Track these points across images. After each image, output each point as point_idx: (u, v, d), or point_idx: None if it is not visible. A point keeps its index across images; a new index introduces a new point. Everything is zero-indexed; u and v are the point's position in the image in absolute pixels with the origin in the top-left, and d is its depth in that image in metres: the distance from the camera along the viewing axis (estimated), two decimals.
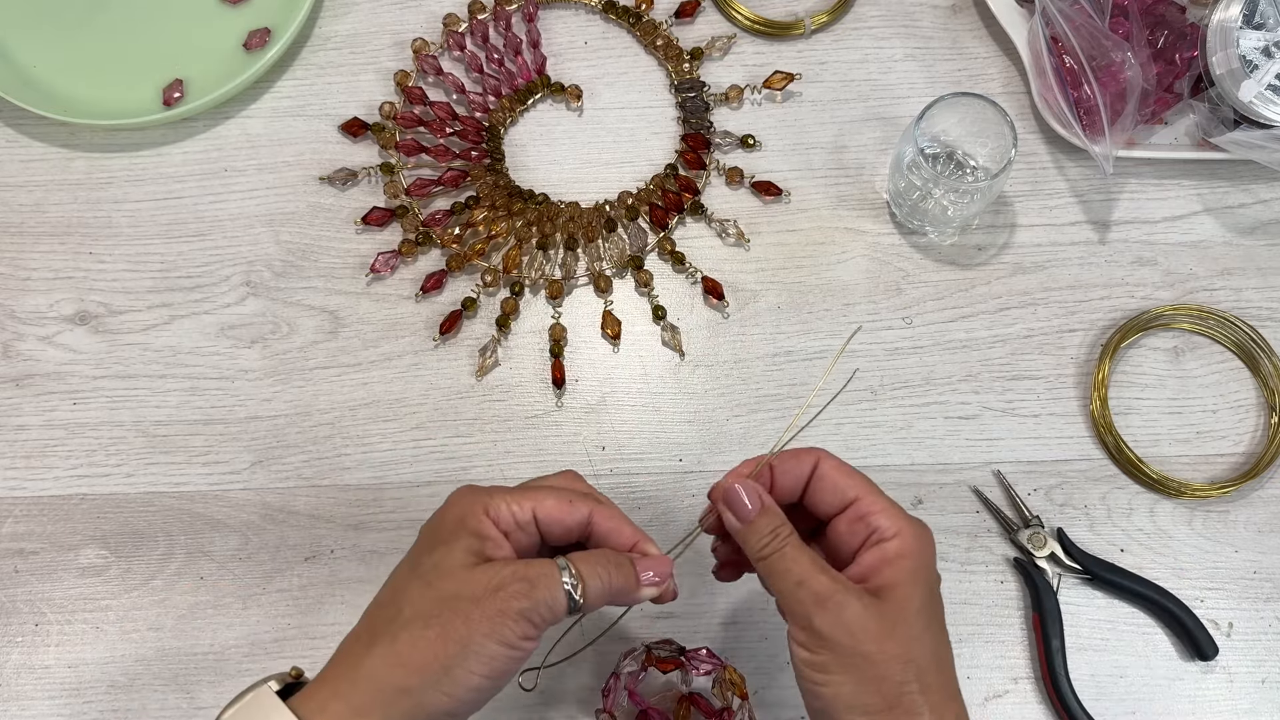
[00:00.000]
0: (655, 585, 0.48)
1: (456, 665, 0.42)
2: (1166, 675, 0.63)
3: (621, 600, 0.48)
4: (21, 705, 0.64)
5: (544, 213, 0.72)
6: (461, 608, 0.43)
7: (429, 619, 0.43)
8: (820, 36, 0.76)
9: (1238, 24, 0.67)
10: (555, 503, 0.48)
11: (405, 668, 0.42)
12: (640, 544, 0.49)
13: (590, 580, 0.46)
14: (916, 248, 0.71)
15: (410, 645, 0.43)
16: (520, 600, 0.44)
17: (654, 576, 0.48)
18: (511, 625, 0.43)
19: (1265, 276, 0.70)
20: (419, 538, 0.48)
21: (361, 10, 0.77)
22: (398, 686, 0.42)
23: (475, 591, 0.44)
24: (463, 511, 0.47)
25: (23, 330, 0.70)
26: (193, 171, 0.73)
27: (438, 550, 0.46)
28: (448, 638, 0.43)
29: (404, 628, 0.43)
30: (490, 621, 0.43)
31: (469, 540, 0.46)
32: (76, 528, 0.66)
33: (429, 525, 0.48)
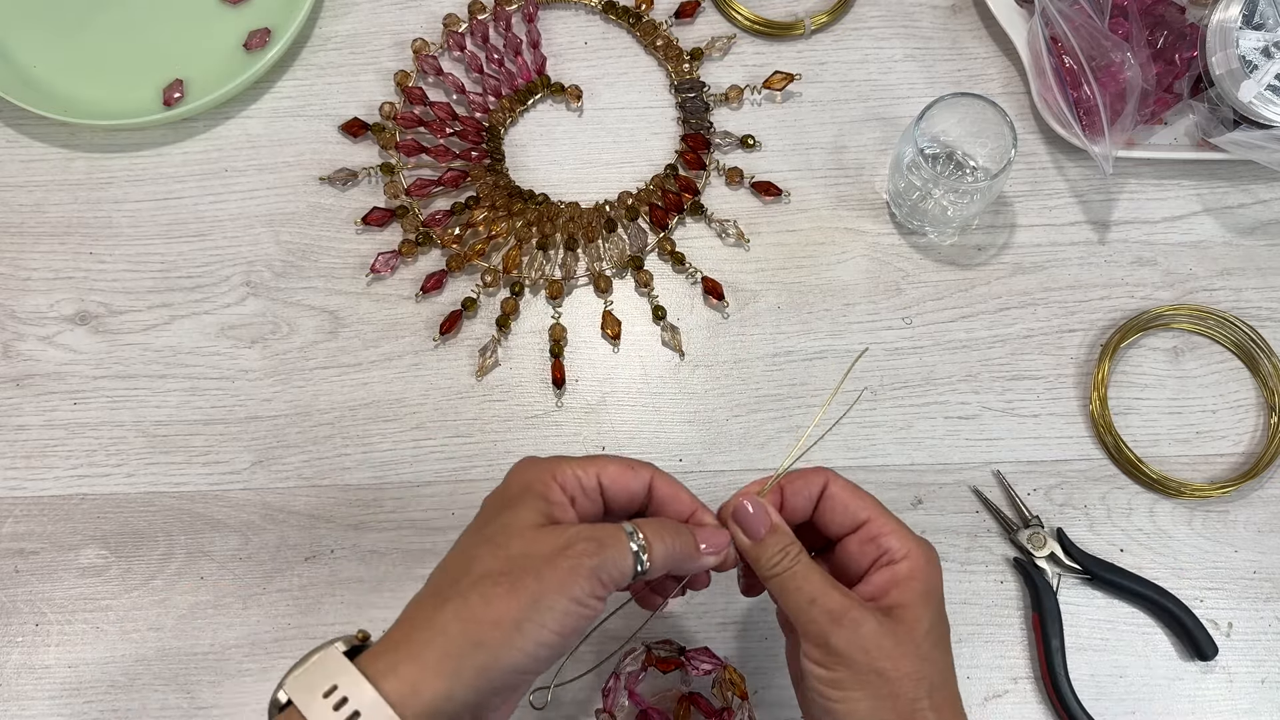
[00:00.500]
0: (714, 554, 0.49)
1: (528, 621, 0.42)
2: (1166, 675, 0.64)
3: (682, 567, 0.48)
4: (21, 705, 0.64)
5: (544, 213, 0.72)
6: (532, 565, 0.43)
7: (499, 576, 0.43)
8: (820, 37, 0.76)
9: (1237, 24, 0.67)
10: (619, 469, 0.48)
11: (478, 624, 0.42)
12: (698, 513, 0.50)
13: (656, 544, 0.46)
14: (916, 248, 0.71)
15: (483, 601, 0.42)
16: (590, 558, 0.44)
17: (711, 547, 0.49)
18: (582, 583, 0.43)
19: (1265, 276, 0.70)
20: (483, 508, 0.48)
21: (361, 10, 0.77)
22: (471, 642, 0.42)
23: (545, 550, 0.44)
24: (530, 478, 0.47)
25: (23, 330, 0.70)
26: (193, 171, 0.73)
27: (505, 513, 0.46)
28: (520, 593, 0.42)
29: (474, 585, 0.43)
30: (561, 579, 0.43)
31: (537, 503, 0.46)
32: (77, 528, 0.66)
33: (494, 494, 0.48)
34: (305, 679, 0.42)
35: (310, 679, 0.42)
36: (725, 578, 0.64)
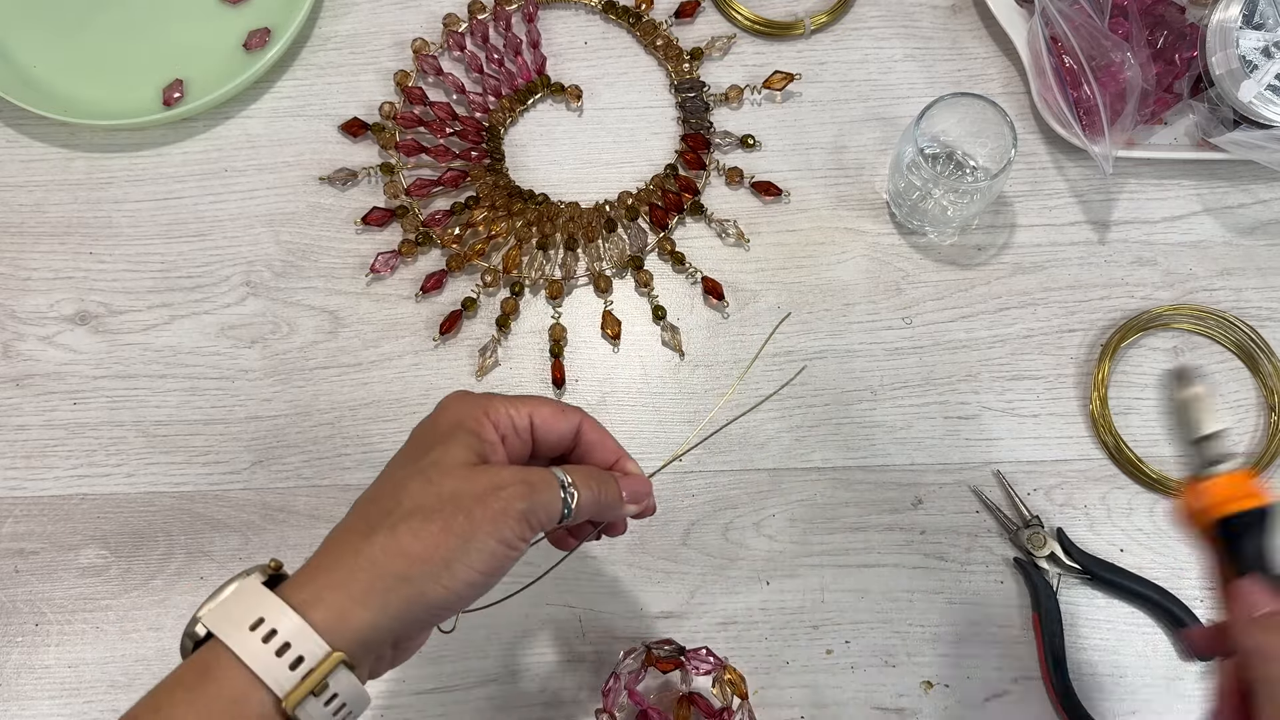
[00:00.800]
0: (635, 503, 0.50)
1: (457, 560, 0.42)
2: (1166, 675, 0.63)
3: (606, 514, 0.49)
4: (21, 705, 0.64)
5: (544, 213, 0.72)
6: (464, 504, 0.43)
7: (430, 513, 0.43)
8: (820, 37, 0.76)
9: (1237, 24, 0.67)
10: (550, 411, 0.49)
11: (406, 558, 0.42)
12: (621, 460, 0.51)
13: (584, 491, 0.47)
14: (916, 248, 0.71)
15: (412, 536, 0.42)
16: (521, 501, 0.44)
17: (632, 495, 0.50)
18: (512, 524, 0.43)
19: (1265, 276, 0.70)
20: (411, 439, 0.48)
21: (361, 10, 0.77)
22: (398, 575, 0.42)
23: (477, 489, 0.44)
24: (463, 414, 0.47)
25: (23, 330, 0.70)
26: (193, 171, 0.73)
27: (436, 449, 0.45)
28: (450, 531, 0.42)
29: (404, 520, 0.43)
30: (492, 520, 0.43)
31: (469, 440, 0.46)
32: (77, 528, 0.66)
33: (423, 426, 0.48)
34: (226, 611, 0.41)
35: (232, 611, 0.41)
36: (739, 578, 0.64)
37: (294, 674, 0.39)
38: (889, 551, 0.65)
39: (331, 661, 0.40)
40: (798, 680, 0.64)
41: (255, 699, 0.39)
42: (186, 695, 0.39)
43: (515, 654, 0.64)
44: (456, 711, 0.63)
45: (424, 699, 0.63)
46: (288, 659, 0.39)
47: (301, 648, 0.39)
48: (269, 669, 0.39)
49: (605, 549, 0.66)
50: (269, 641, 0.39)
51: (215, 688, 0.39)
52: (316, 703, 0.40)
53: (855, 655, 0.64)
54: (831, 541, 0.66)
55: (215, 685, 0.39)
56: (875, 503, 0.66)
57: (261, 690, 0.39)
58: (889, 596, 0.65)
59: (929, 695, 0.63)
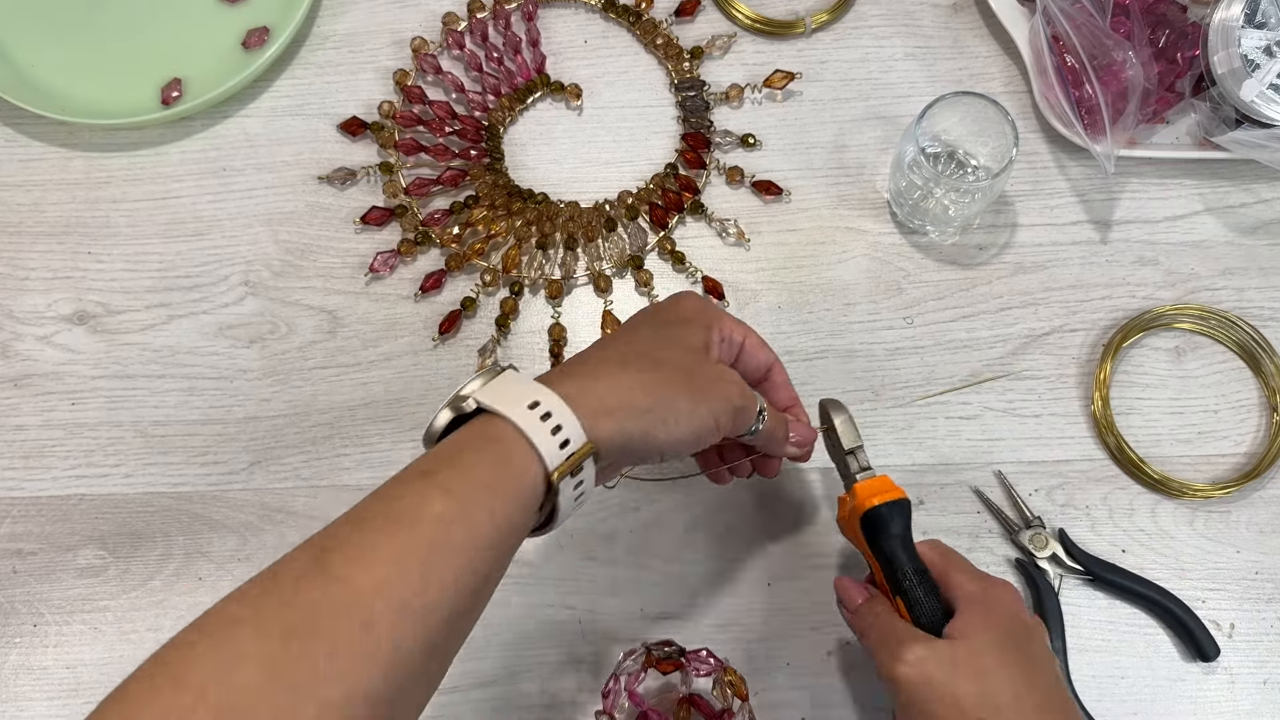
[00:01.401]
0: (798, 446, 0.57)
1: (686, 414, 0.48)
2: (1168, 676, 0.63)
3: (771, 447, 0.56)
4: (20, 706, 0.63)
5: (544, 212, 0.71)
6: (702, 376, 0.50)
7: (678, 370, 0.49)
8: (821, 35, 0.75)
9: (1239, 23, 0.67)
10: (758, 340, 0.56)
11: (653, 395, 0.47)
12: (795, 408, 0.58)
13: (771, 419, 0.54)
14: (917, 247, 0.71)
15: (662, 380, 0.48)
16: (738, 398, 0.50)
17: (798, 439, 0.57)
18: (727, 409, 0.50)
19: (1267, 276, 0.70)
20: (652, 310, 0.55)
21: (360, 9, 0.76)
22: (642, 406, 0.47)
23: (712, 372, 0.51)
24: (700, 311, 0.54)
25: (21, 330, 0.70)
26: (191, 171, 0.73)
27: (679, 326, 0.53)
28: (690, 390, 0.49)
29: (658, 365, 0.49)
30: (713, 400, 0.49)
31: (704, 332, 0.52)
32: (75, 528, 0.66)
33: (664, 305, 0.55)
34: (504, 394, 0.45)
35: (509, 393, 0.45)
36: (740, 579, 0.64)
37: (562, 453, 0.44)
38: None
39: (588, 448, 0.45)
40: (798, 682, 0.63)
41: (533, 470, 0.43)
42: (478, 460, 0.43)
43: (515, 655, 0.64)
44: (456, 712, 0.63)
45: None
46: (559, 438, 0.44)
47: (570, 432, 0.44)
48: (547, 446, 0.44)
49: (606, 549, 0.66)
50: (546, 421, 0.44)
51: (507, 456, 0.43)
52: (570, 482, 0.45)
53: (856, 656, 0.64)
54: (832, 542, 0.66)
55: (507, 454, 0.43)
56: None
57: (538, 463, 0.43)
58: None
59: None
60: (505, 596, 0.65)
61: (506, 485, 0.43)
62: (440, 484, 0.42)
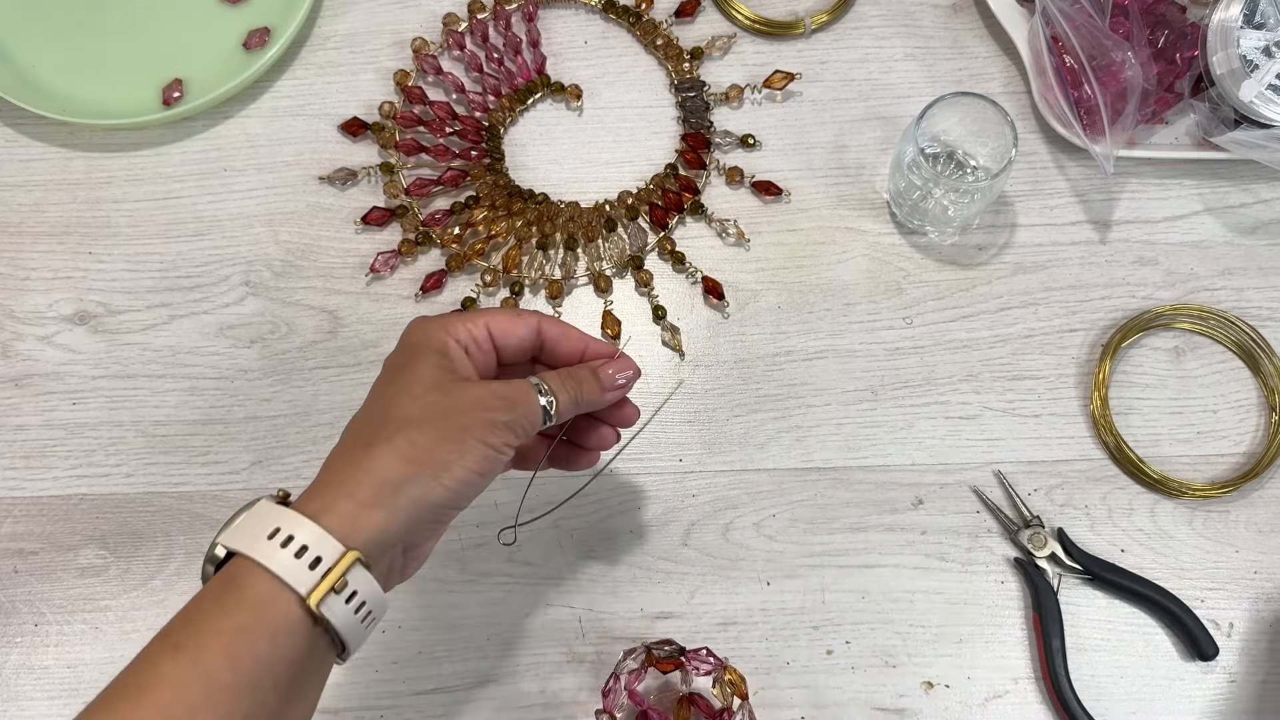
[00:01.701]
0: (615, 387, 0.53)
1: (454, 462, 0.45)
2: (1167, 675, 0.63)
3: (593, 407, 0.52)
4: (20, 706, 0.63)
5: (544, 212, 0.72)
6: (451, 415, 0.46)
7: (422, 423, 0.46)
8: (820, 36, 0.75)
9: (1238, 23, 0.67)
10: (506, 318, 0.51)
11: (407, 464, 0.45)
12: (590, 347, 0.53)
13: (561, 394, 0.50)
14: (917, 247, 0.71)
15: (409, 444, 0.45)
16: (503, 414, 0.47)
17: (617, 378, 0.53)
18: (499, 433, 0.47)
19: (1266, 276, 0.70)
20: (384, 368, 0.50)
21: (361, 10, 0.76)
22: (401, 479, 0.44)
23: (461, 403, 0.47)
24: (424, 335, 0.49)
25: (22, 330, 0.70)
26: (192, 171, 0.73)
27: (409, 369, 0.48)
28: (444, 437, 0.45)
29: (399, 430, 0.45)
30: (480, 428, 0.46)
31: (437, 358, 0.48)
32: (76, 528, 0.66)
33: (393, 355, 0.50)
34: (244, 530, 0.43)
35: (249, 528, 0.43)
36: (740, 578, 0.64)
37: (314, 573, 0.41)
38: (890, 552, 0.65)
39: (349, 559, 0.42)
40: (798, 681, 0.64)
41: (282, 600, 0.41)
42: (215, 605, 0.41)
43: (515, 654, 0.64)
44: (456, 711, 0.63)
45: (424, 699, 0.63)
46: (307, 560, 0.41)
47: (319, 549, 0.42)
48: (291, 571, 0.41)
49: (606, 549, 0.66)
50: (287, 546, 0.42)
51: (242, 594, 0.41)
52: (338, 600, 0.42)
53: (856, 656, 0.64)
54: (832, 542, 0.66)
55: (241, 591, 0.41)
56: (876, 503, 0.66)
57: (286, 591, 0.41)
58: (889, 597, 0.65)
59: (929, 696, 0.63)
60: (505, 596, 0.65)
61: (248, 625, 0.40)
62: (172, 643, 0.41)
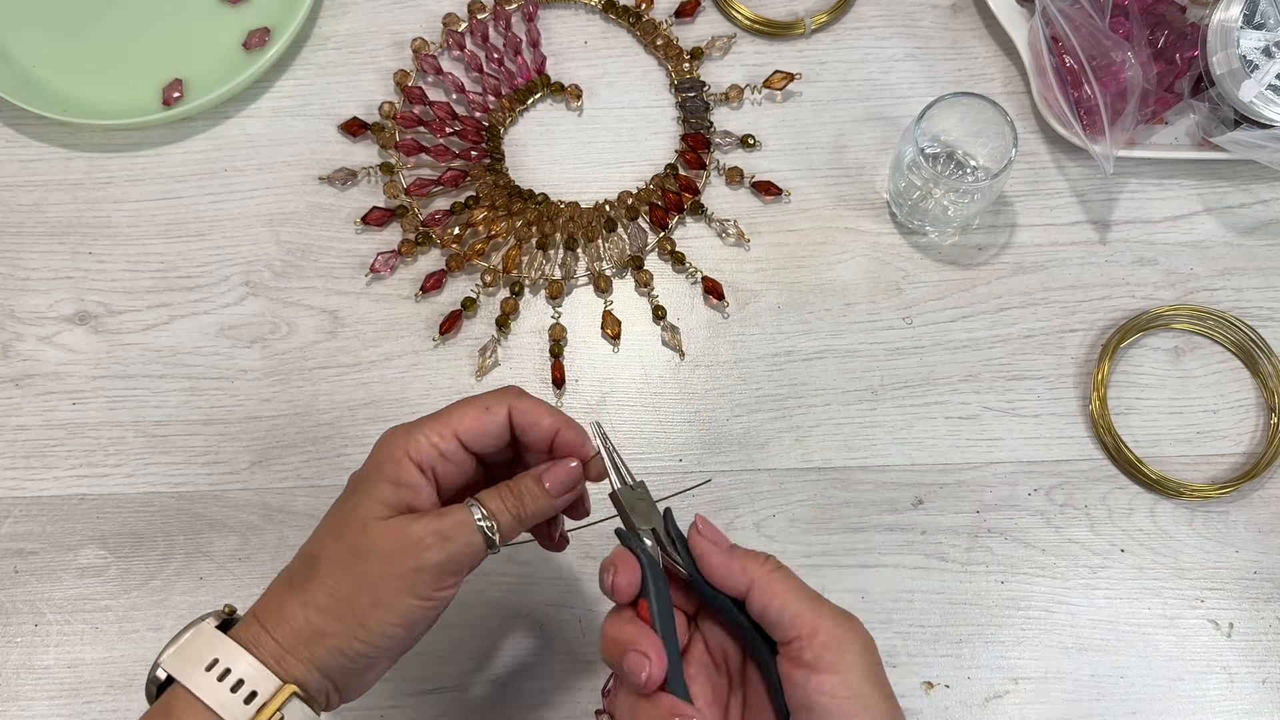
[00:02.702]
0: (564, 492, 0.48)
1: (369, 617, 0.44)
2: (1167, 676, 0.63)
3: (540, 519, 0.48)
4: (21, 705, 0.63)
5: (544, 213, 0.72)
6: (373, 563, 0.44)
7: (341, 573, 0.44)
8: (820, 36, 0.75)
9: (1238, 24, 0.67)
10: (473, 416, 0.47)
11: (322, 615, 0.44)
12: (560, 433, 0.48)
13: (502, 516, 0.46)
14: (917, 247, 0.71)
15: (325, 595, 0.44)
16: (435, 554, 0.44)
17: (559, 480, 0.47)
18: (427, 579, 0.44)
19: (1266, 276, 0.70)
20: (346, 486, 0.48)
21: (361, 10, 0.77)
22: (315, 630, 0.44)
23: (386, 546, 0.44)
24: (382, 457, 0.46)
25: (22, 330, 0.70)
26: (192, 171, 0.73)
27: (351, 501, 0.46)
28: (360, 591, 0.44)
29: (319, 578, 0.44)
30: (403, 578, 0.44)
31: (385, 490, 0.45)
32: (76, 528, 0.66)
33: (355, 473, 0.48)
34: (184, 654, 0.44)
35: (188, 654, 0.43)
36: None
37: (249, 708, 0.42)
38: (889, 552, 0.65)
39: (283, 695, 0.43)
40: None
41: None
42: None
43: (515, 654, 0.64)
44: (456, 711, 0.63)
45: (424, 699, 0.63)
46: (242, 694, 0.42)
47: (254, 684, 0.43)
48: (225, 705, 0.42)
49: (606, 549, 0.65)
50: (224, 680, 0.43)
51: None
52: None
53: None
54: (832, 542, 0.66)
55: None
56: (875, 503, 0.66)
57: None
58: (889, 597, 0.65)
59: (929, 695, 0.63)
60: (505, 597, 0.65)
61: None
62: None
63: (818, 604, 0.44)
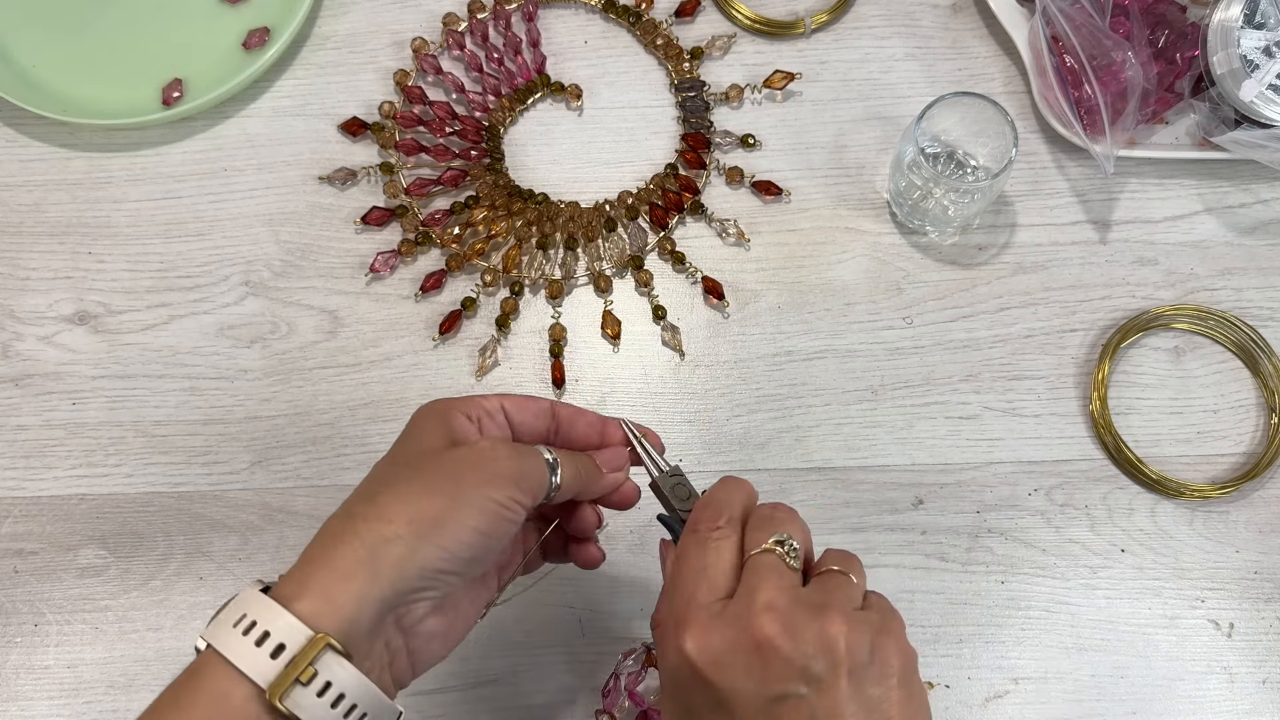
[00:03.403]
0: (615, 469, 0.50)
1: (448, 516, 0.41)
2: (1167, 675, 0.63)
3: (590, 489, 0.49)
4: (21, 706, 0.63)
5: (544, 212, 0.72)
6: (448, 469, 0.42)
7: (412, 479, 0.42)
8: (820, 36, 0.75)
9: (1238, 23, 0.67)
10: (519, 397, 0.48)
11: (391, 521, 0.40)
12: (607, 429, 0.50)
13: (566, 467, 0.46)
14: (917, 247, 0.71)
15: (395, 500, 0.41)
16: (511, 464, 0.43)
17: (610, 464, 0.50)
18: (504, 485, 0.42)
19: (1266, 276, 0.70)
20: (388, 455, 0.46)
21: (361, 9, 0.76)
22: (384, 538, 0.40)
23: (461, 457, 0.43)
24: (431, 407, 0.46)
25: (22, 330, 0.70)
26: (192, 171, 0.73)
27: (407, 440, 0.45)
28: (436, 491, 0.41)
29: (386, 497, 0.41)
30: (483, 482, 0.42)
31: (442, 428, 0.45)
32: (76, 528, 0.66)
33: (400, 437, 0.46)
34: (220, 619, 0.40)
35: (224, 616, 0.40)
36: None
37: (276, 663, 0.38)
38: (889, 552, 0.65)
39: (315, 645, 0.38)
40: None
41: (238, 693, 0.38)
42: (173, 697, 0.39)
43: (515, 654, 0.64)
44: (456, 711, 0.63)
45: (424, 699, 0.63)
46: (267, 648, 0.38)
47: (282, 635, 0.38)
48: (250, 662, 0.38)
49: (606, 549, 0.65)
50: (249, 634, 0.38)
51: (199, 685, 0.39)
52: (307, 693, 0.38)
53: None
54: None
55: (199, 682, 0.39)
56: (875, 503, 0.66)
57: (244, 684, 0.38)
58: (889, 597, 0.64)
59: (929, 696, 0.63)
60: (504, 596, 0.65)
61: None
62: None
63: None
